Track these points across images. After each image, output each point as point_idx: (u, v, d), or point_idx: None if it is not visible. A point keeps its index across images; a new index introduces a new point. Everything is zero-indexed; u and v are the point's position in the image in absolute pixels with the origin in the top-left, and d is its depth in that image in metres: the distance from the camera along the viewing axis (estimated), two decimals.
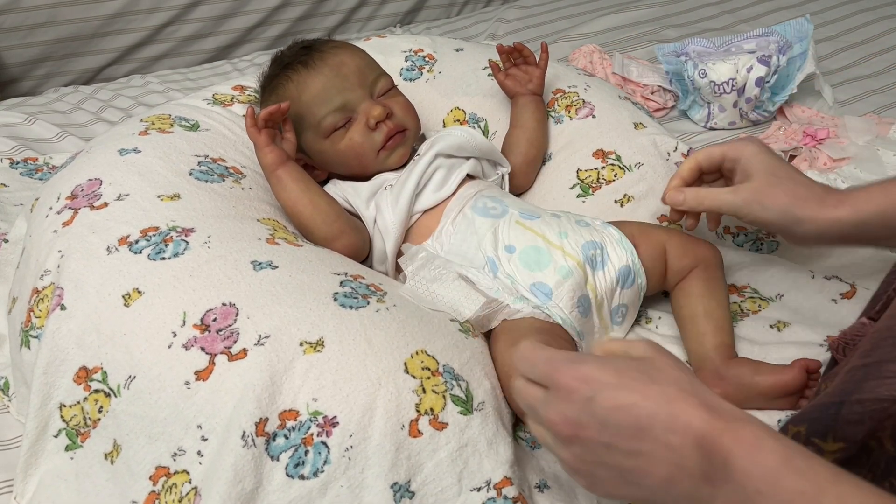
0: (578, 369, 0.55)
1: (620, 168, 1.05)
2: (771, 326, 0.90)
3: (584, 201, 1.04)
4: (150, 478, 0.70)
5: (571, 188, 1.05)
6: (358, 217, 0.93)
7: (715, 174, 0.88)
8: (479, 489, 0.70)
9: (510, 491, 0.70)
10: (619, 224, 0.92)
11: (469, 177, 0.96)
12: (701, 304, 0.87)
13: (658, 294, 0.94)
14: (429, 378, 0.72)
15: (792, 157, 1.25)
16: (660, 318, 0.94)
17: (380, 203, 0.92)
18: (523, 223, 0.89)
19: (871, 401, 0.53)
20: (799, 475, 0.47)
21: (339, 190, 0.94)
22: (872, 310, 0.65)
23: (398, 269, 0.91)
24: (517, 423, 0.80)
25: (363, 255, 0.92)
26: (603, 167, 1.05)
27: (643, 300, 0.92)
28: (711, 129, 1.37)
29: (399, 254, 0.90)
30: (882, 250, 0.98)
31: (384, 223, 0.91)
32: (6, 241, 1.00)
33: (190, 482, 0.69)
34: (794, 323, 0.90)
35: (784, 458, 0.48)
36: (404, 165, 0.96)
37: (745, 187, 0.81)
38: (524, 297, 0.84)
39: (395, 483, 0.68)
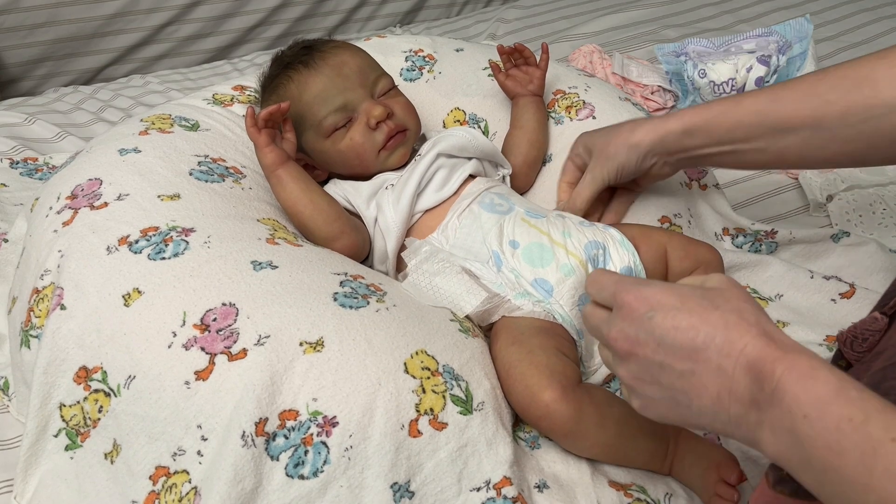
0: (642, 291, 0.57)
1: None
2: None
3: None
4: (150, 477, 0.70)
5: None
6: (358, 217, 0.93)
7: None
8: (478, 489, 0.70)
9: (509, 491, 0.70)
10: (619, 226, 0.92)
11: (472, 177, 0.96)
12: None
13: None
14: (429, 378, 0.72)
15: None
16: None
17: (381, 202, 0.92)
18: (528, 220, 0.90)
19: None
20: (849, 403, 0.47)
21: (340, 189, 0.94)
22: (885, 305, 0.65)
23: (399, 269, 0.91)
24: (517, 422, 0.80)
25: (363, 254, 0.92)
26: None
27: None
28: None
29: (402, 249, 0.90)
30: (875, 246, 0.98)
31: (385, 222, 0.91)
32: (6, 240, 1.00)
33: (190, 482, 0.69)
34: (794, 323, 0.90)
35: (837, 388, 0.48)
36: (405, 165, 0.96)
37: (593, 161, 0.93)
38: (527, 292, 0.84)
39: (395, 483, 0.68)
